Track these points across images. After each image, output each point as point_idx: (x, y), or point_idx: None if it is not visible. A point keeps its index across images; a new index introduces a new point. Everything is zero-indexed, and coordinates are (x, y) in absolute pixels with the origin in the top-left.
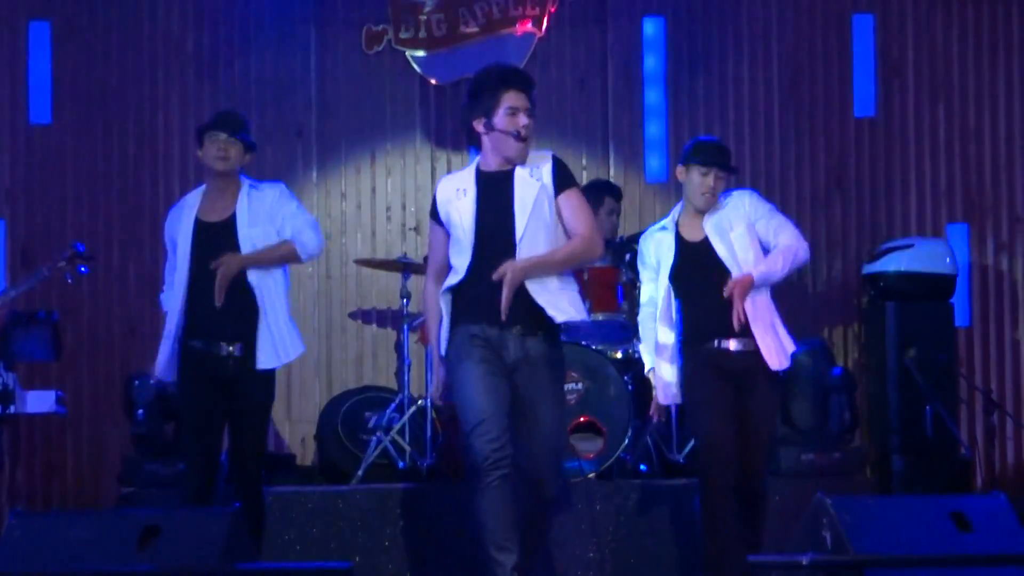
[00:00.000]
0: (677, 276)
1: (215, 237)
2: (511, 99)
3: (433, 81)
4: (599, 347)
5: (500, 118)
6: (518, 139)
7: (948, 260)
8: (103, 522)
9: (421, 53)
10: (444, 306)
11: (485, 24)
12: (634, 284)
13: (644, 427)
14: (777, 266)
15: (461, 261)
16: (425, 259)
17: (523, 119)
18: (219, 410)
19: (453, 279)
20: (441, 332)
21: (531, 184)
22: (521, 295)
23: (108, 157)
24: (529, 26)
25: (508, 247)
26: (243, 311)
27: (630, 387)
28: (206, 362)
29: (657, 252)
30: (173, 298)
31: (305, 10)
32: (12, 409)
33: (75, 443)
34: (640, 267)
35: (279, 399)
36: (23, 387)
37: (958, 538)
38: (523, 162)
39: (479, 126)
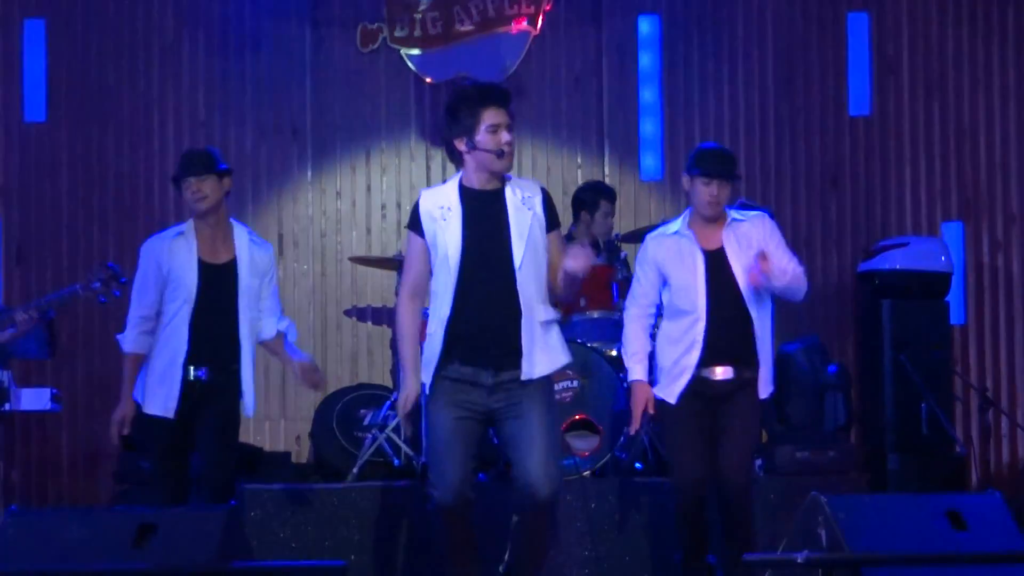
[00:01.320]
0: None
1: (218, 278)
2: (491, 116)
3: (428, 79)
4: (594, 344)
5: (482, 136)
6: (501, 157)
7: (943, 258)
8: (99, 520)
9: (416, 51)
10: (430, 334)
11: (480, 22)
12: (628, 282)
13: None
14: (788, 274)
15: (445, 288)
16: None
17: (505, 135)
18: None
19: (441, 309)
20: (419, 355)
21: (524, 212)
22: (510, 338)
23: (103, 155)
24: (524, 24)
25: (505, 273)
26: (229, 344)
27: (625, 385)
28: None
29: (671, 257)
30: (172, 335)
31: (300, 8)
32: (7, 407)
33: (70, 441)
34: (641, 266)
35: (274, 396)
36: (18, 385)
37: (953, 536)
38: (507, 172)
39: (461, 145)
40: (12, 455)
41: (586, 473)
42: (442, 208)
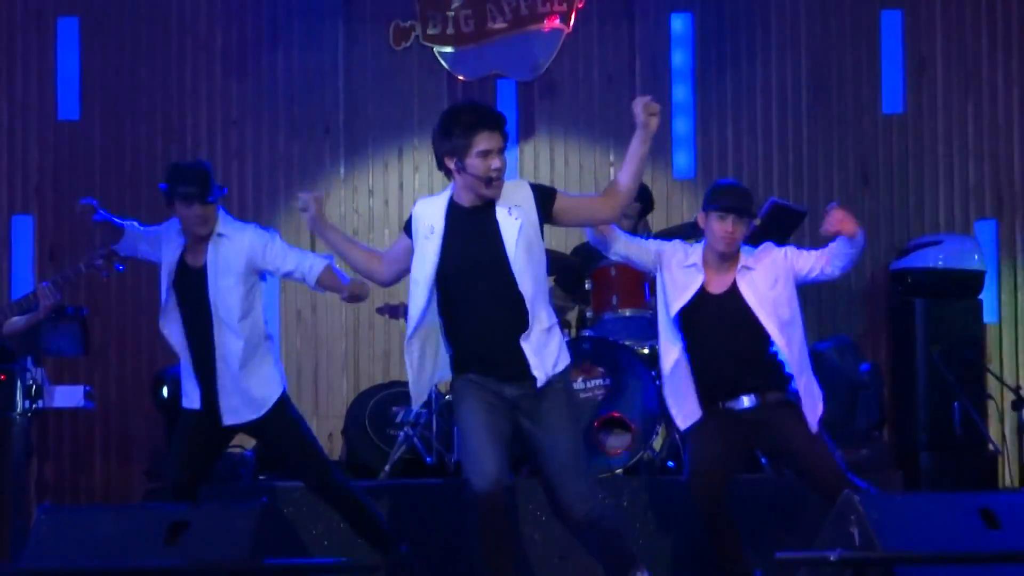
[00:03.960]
0: (687, 322)
1: (191, 282)
2: (483, 141)
3: (461, 77)
4: (626, 342)
5: (472, 160)
6: (489, 185)
7: (976, 257)
8: (131, 517)
9: (449, 49)
10: (444, 347)
11: (513, 20)
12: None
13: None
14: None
15: (431, 308)
16: None
17: (495, 162)
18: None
19: (435, 330)
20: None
21: (513, 222)
22: (513, 351)
23: (136, 153)
24: (557, 22)
25: (505, 285)
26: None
27: (658, 382)
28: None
29: (679, 276)
30: (174, 334)
31: (333, 6)
32: (41, 404)
33: (103, 438)
34: (657, 243)
35: (307, 394)
36: (52, 382)
37: (986, 535)
38: (497, 197)
39: (450, 164)
40: (46, 452)
41: (618, 471)
42: (427, 227)
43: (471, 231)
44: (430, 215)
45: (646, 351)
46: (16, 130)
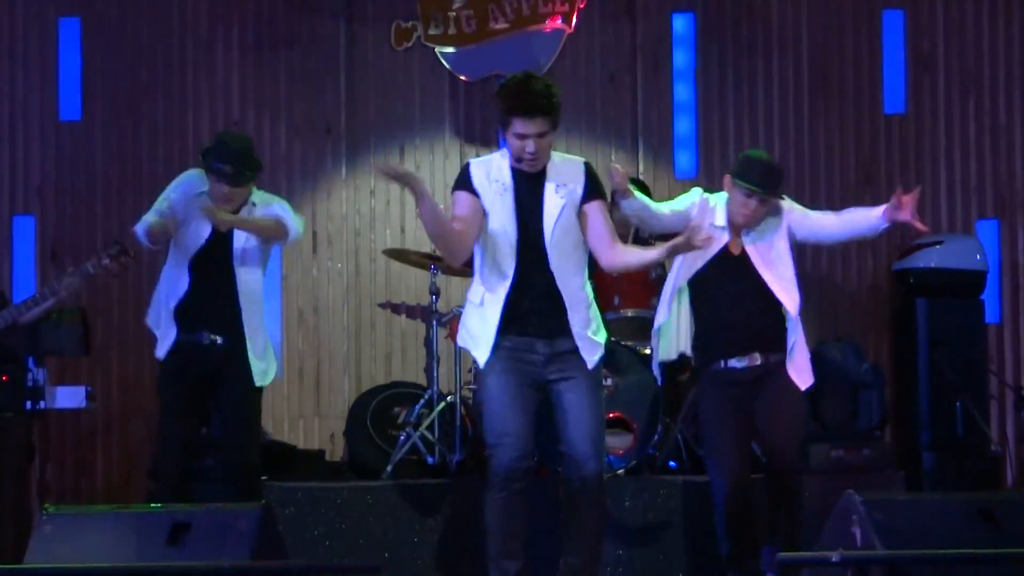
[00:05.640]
0: (702, 281)
1: (214, 247)
2: (519, 125)
3: (462, 77)
4: (628, 343)
5: (510, 137)
6: (520, 162)
7: (978, 257)
8: (133, 518)
9: (450, 49)
10: (486, 307)
11: (514, 20)
12: (662, 280)
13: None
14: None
15: (502, 265)
16: None
17: (530, 146)
18: (200, 400)
19: (498, 286)
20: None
21: (557, 200)
22: (557, 316)
23: (138, 153)
24: (558, 22)
25: (540, 255)
26: (230, 308)
27: (659, 383)
28: (194, 353)
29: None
30: (170, 289)
31: (335, 6)
32: (42, 405)
33: (105, 439)
34: (686, 202)
35: (308, 394)
36: (53, 383)
37: (988, 536)
38: (532, 170)
39: (501, 130)
40: (47, 453)
41: (620, 471)
42: (496, 182)
43: (528, 200)
44: (496, 172)
45: (647, 351)
46: (17, 130)
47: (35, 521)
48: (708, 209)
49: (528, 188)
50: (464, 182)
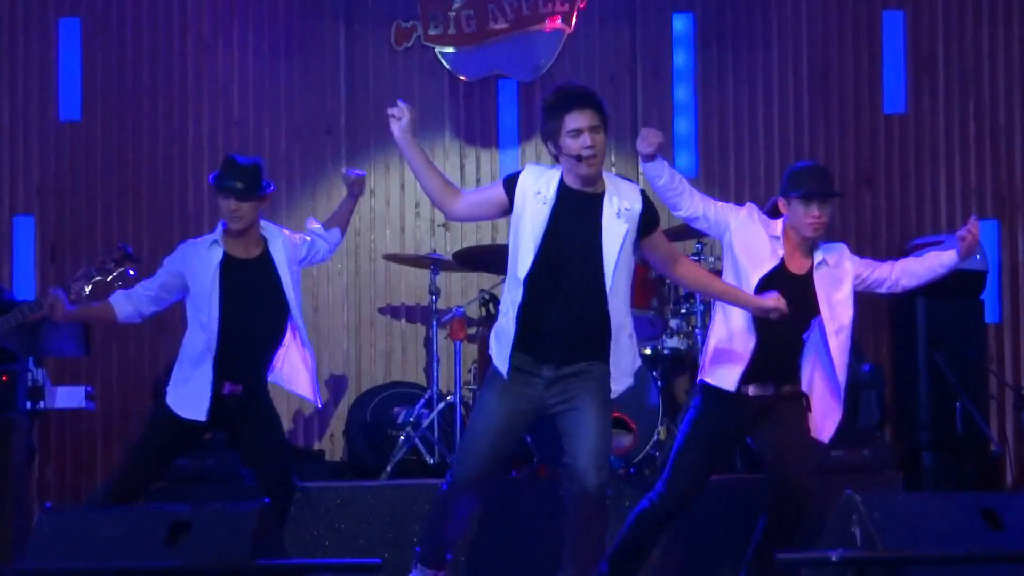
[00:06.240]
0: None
1: (251, 271)
2: (573, 120)
3: (462, 77)
4: None
5: (565, 140)
6: (579, 161)
7: (978, 257)
8: (132, 518)
9: (450, 49)
10: (508, 318)
11: (514, 20)
12: (662, 281)
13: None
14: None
15: (520, 273)
16: (454, 254)
17: (586, 140)
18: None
19: (515, 292)
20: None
21: (619, 225)
22: (586, 344)
23: (137, 154)
24: (558, 22)
25: (593, 284)
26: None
27: (659, 383)
28: (224, 405)
29: (757, 245)
30: (201, 339)
31: (335, 7)
32: (42, 405)
33: (104, 439)
34: (734, 209)
35: None
36: (53, 383)
37: (988, 535)
38: (594, 181)
39: (552, 148)
40: (47, 453)
41: (619, 471)
42: (539, 194)
43: (576, 217)
44: (544, 184)
45: (647, 351)
46: (17, 131)
47: (35, 521)
48: (764, 220)
49: (579, 208)
50: (510, 181)
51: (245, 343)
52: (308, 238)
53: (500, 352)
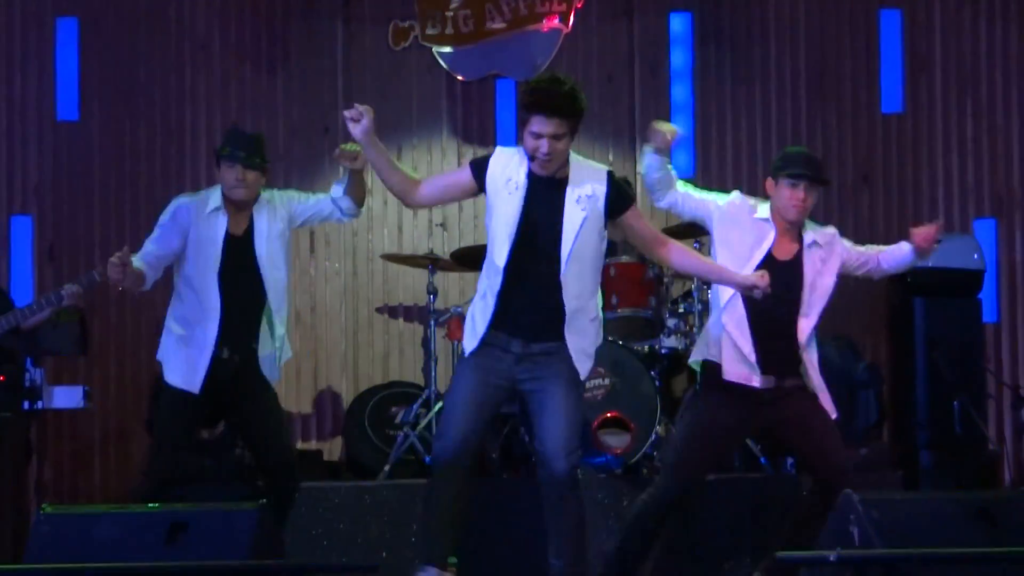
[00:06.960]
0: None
1: (236, 250)
2: (537, 123)
3: (460, 77)
4: (625, 342)
5: (526, 136)
6: (533, 160)
7: (976, 256)
8: (131, 518)
9: (447, 49)
10: (485, 300)
11: (512, 20)
12: (660, 280)
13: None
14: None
15: (499, 261)
16: (452, 254)
17: (544, 146)
18: (206, 408)
19: (494, 281)
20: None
21: (578, 212)
22: (551, 325)
23: (135, 153)
24: (556, 22)
25: (551, 267)
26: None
27: (657, 382)
28: (220, 370)
29: (745, 229)
30: (203, 310)
31: (332, 6)
32: (40, 404)
33: (102, 439)
34: (715, 198)
35: (306, 394)
36: (51, 383)
37: (986, 535)
38: (557, 170)
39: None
40: (45, 453)
41: (618, 471)
42: (510, 181)
43: (543, 203)
44: (512, 171)
45: (645, 350)
46: (15, 130)
47: (32, 521)
48: (748, 206)
49: (545, 195)
50: (479, 167)
51: (235, 315)
52: (314, 198)
53: (474, 330)
